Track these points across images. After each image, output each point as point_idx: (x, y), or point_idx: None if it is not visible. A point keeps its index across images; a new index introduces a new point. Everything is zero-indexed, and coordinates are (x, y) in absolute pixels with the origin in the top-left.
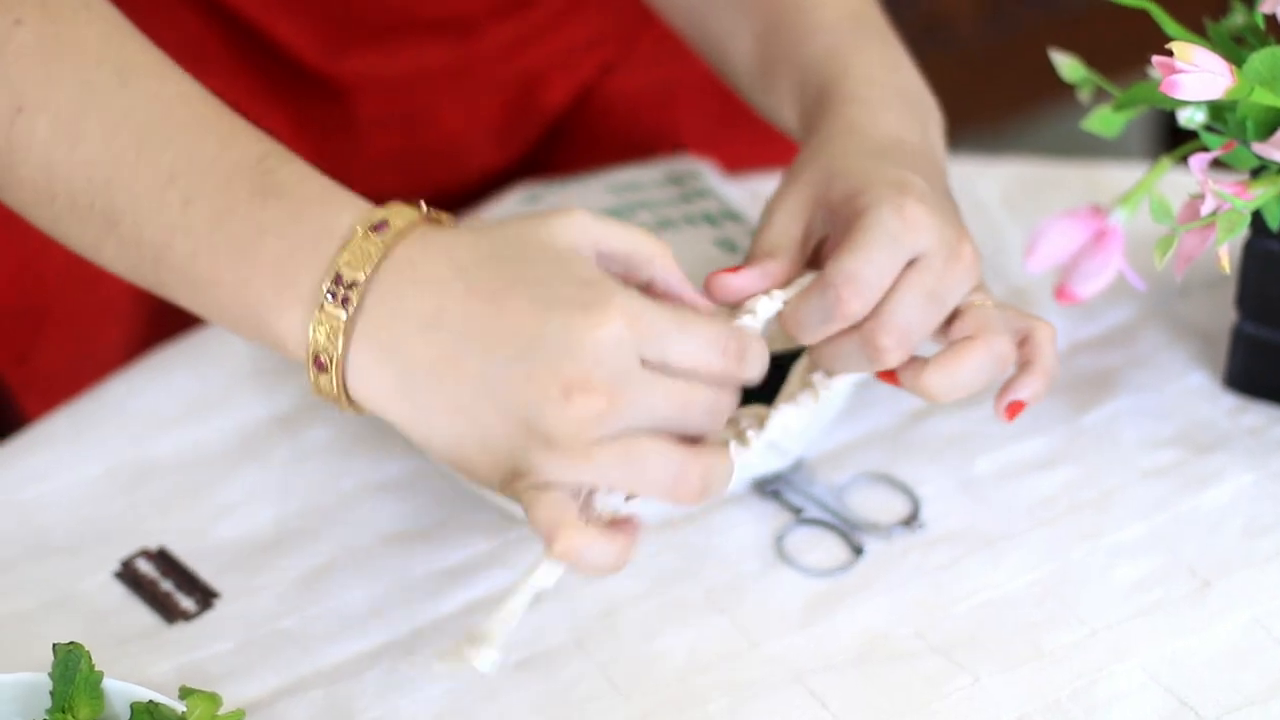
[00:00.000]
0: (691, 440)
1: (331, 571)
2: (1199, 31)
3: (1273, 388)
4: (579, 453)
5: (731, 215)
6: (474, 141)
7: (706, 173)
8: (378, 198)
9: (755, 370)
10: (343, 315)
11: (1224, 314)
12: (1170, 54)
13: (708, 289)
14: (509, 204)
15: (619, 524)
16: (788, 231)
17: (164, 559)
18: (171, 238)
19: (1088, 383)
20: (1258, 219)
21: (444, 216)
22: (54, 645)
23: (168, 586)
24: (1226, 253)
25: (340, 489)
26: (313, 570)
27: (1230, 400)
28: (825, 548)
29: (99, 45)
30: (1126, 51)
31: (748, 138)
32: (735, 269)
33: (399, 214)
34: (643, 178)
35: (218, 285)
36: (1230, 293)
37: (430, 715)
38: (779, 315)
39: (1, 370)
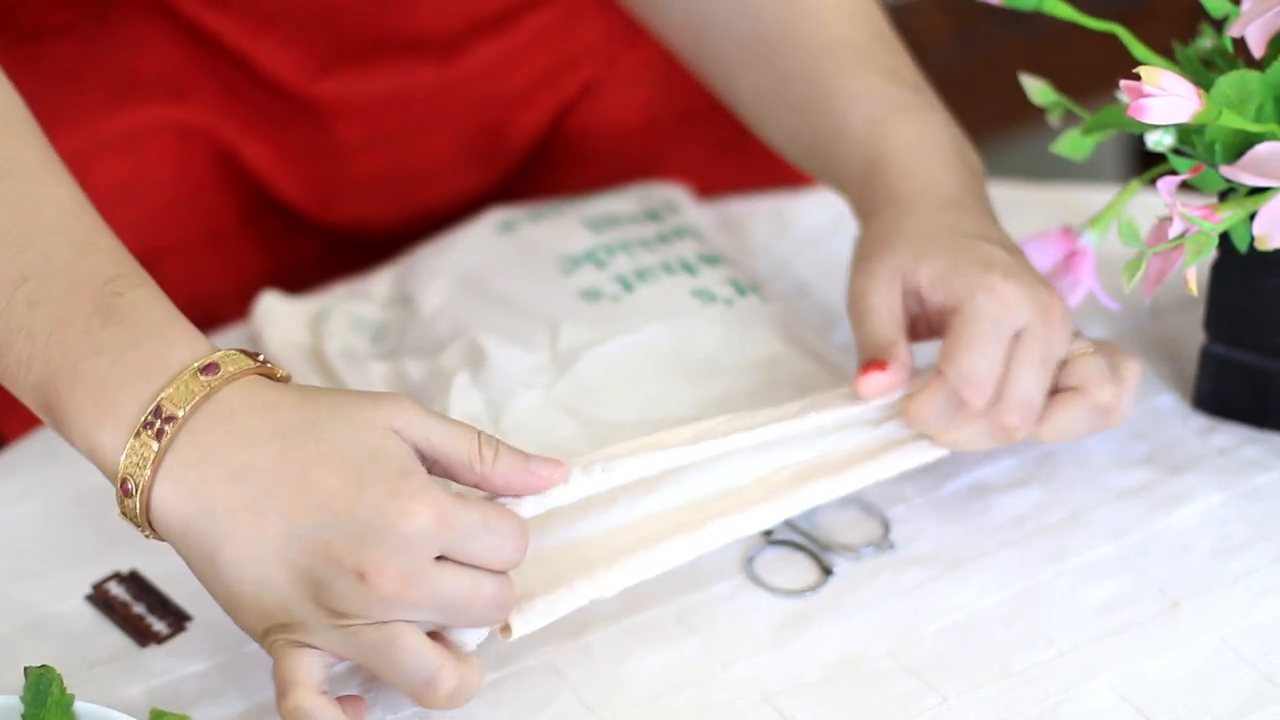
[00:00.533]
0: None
1: None
2: (1168, 55)
3: (1241, 408)
4: (351, 630)
5: (710, 259)
6: (457, 163)
7: (683, 203)
8: (362, 220)
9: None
10: (154, 447)
11: (1193, 335)
12: (1138, 78)
13: (860, 391)
14: (483, 229)
15: (352, 702)
16: (893, 320)
17: (136, 582)
18: (13, 336)
19: None
20: (1226, 241)
21: (278, 371)
22: (25, 668)
23: (140, 609)
24: (1194, 275)
25: None
26: None
27: (1200, 421)
28: (795, 568)
29: None
30: (1101, 75)
31: (735, 160)
32: (879, 365)
33: (232, 360)
34: (620, 210)
35: (46, 392)
36: (1199, 314)
37: None
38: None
39: None
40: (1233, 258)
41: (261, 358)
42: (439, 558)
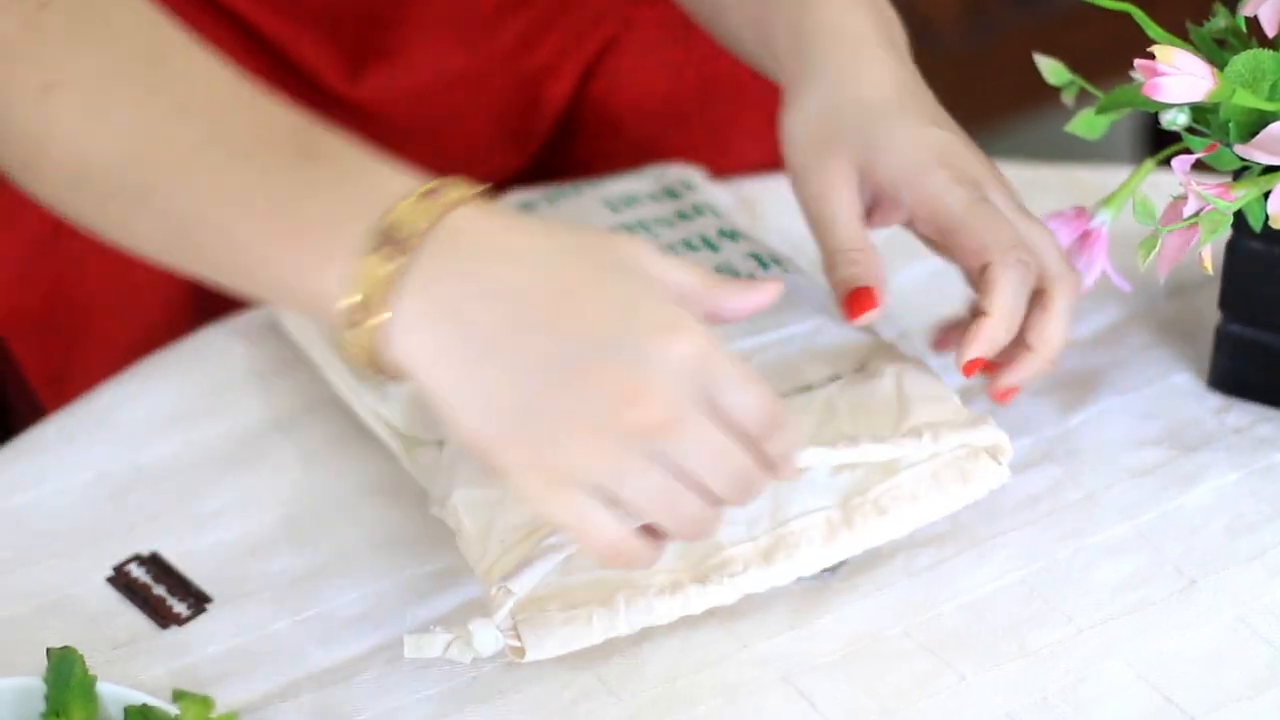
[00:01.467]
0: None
1: (323, 575)
2: (1181, 34)
3: (1256, 387)
4: (627, 457)
5: (730, 234)
6: (495, 143)
7: (699, 181)
8: None
9: (781, 447)
10: (390, 266)
11: (1208, 314)
12: (1152, 57)
13: (853, 322)
14: None
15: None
16: (857, 224)
17: (156, 564)
18: (205, 206)
19: (1073, 383)
20: (1240, 220)
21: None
22: (48, 650)
23: (160, 591)
24: (1209, 253)
25: (331, 494)
26: (304, 574)
27: (1215, 400)
28: None
29: (128, 24)
30: (1112, 55)
31: (756, 119)
32: (870, 301)
33: (454, 186)
34: (638, 189)
35: (253, 249)
36: (1214, 293)
37: (421, 718)
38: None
39: (36, 390)
40: (1247, 236)
41: (480, 189)
42: None
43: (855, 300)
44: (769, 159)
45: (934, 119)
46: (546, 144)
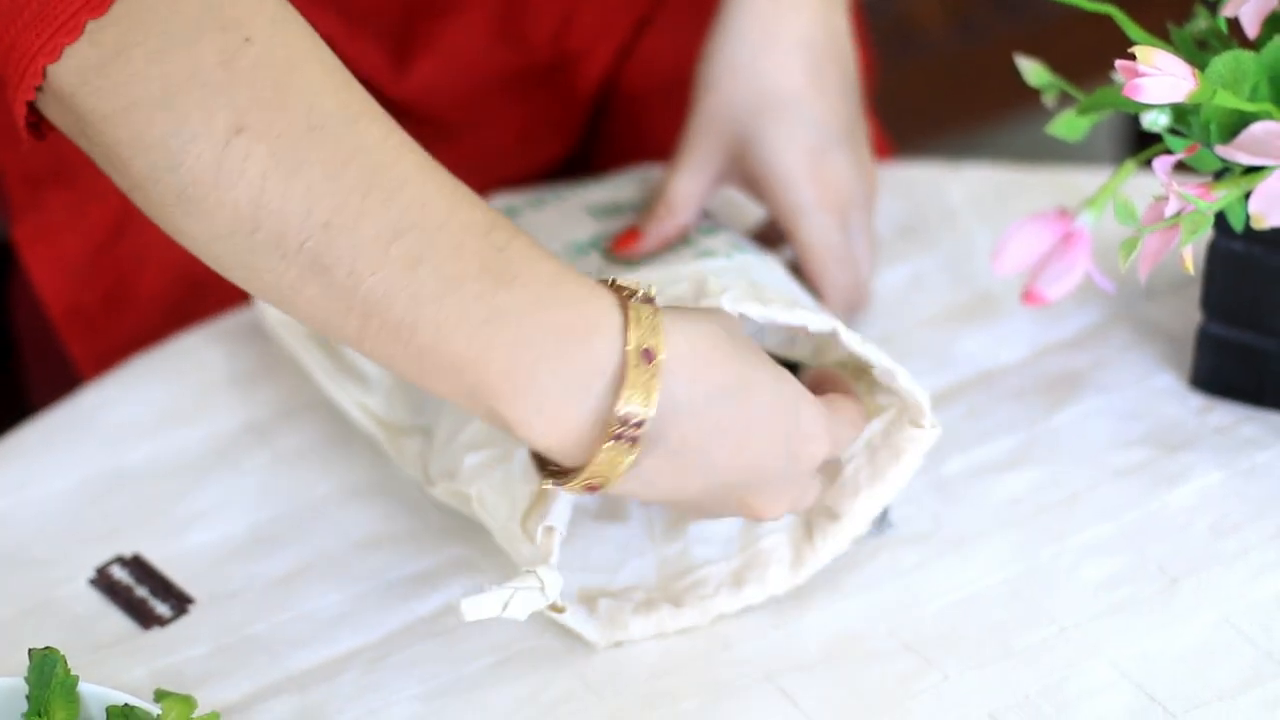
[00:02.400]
0: None
1: (305, 577)
2: (1163, 36)
3: (1238, 387)
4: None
5: (708, 231)
6: (538, 134)
7: None
8: None
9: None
10: (629, 459)
11: (1190, 315)
12: (1133, 58)
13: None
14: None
15: None
16: (693, 193)
17: (138, 565)
18: (392, 298)
19: (1056, 384)
20: (1221, 220)
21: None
22: (30, 650)
23: (142, 593)
24: (1191, 254)
25: (313, 495)
26: (286, 575)
27: (1197, 400)
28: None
29: (325, 82)
30: (1097, 59)
31: None
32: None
33: (650, 329)
34: (622, 197)
35: (437, 355)
36: (1196, 294)
37: (404, 718)
38: None
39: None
40: (1228, 237)
41: (649, 294)
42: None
43: (624, 238)
44: None
45: (830, 104)
46: (586, 127)
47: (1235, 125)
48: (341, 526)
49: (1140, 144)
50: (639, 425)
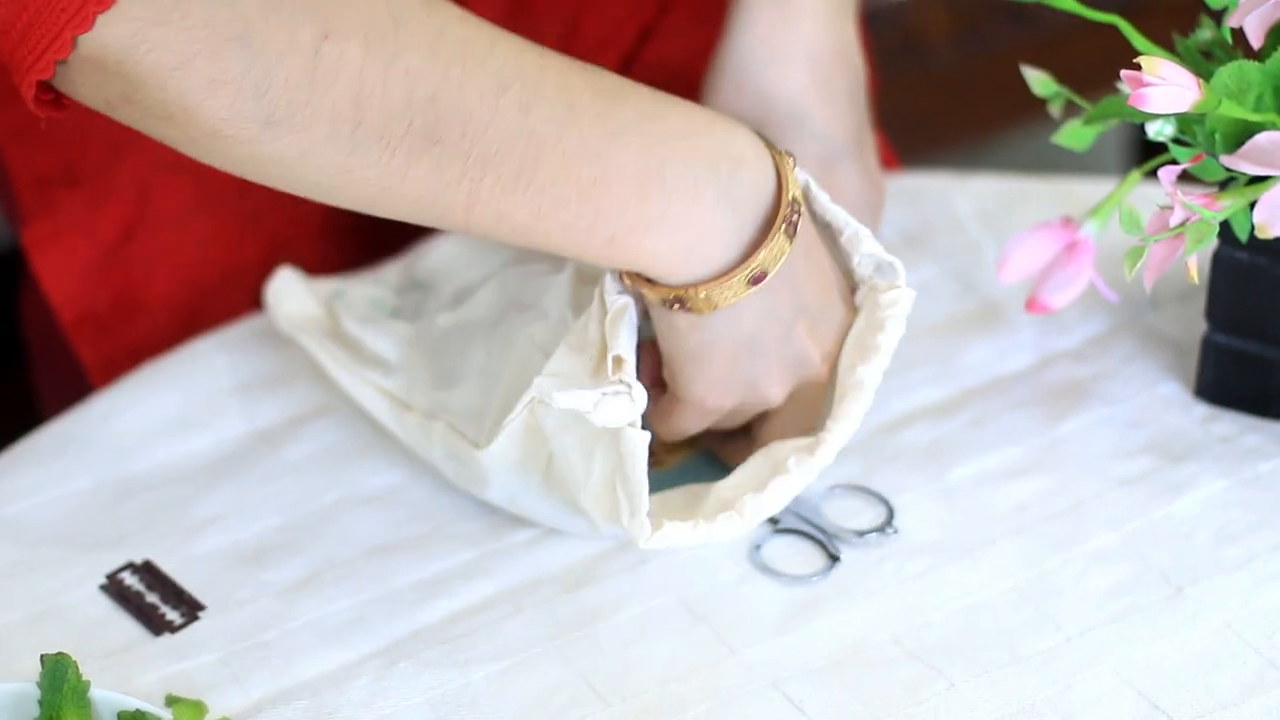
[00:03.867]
0: None
1: (315, 583)
2: (1168, 47)
3: (1243, 397)
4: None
5: None
6: None
7: None
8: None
9: None
10: (788, 245)
11: (1194, 324)
12: (1139, 68)
13: None
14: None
15: None
16: None
17: (149, 572)
18: (509, 146)
19: (1061, 393)
20: (1226, 230)
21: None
22: (41, 656)
23: (153, 599)
24: (1195, 264)
25: (323, 502)
26: (296, 582)
27: (1201, 409)
28: (802, 556)
29: None
30: (1104, 70)
31: None
32: None
33: (786, 162)
34: None
35: (559, 189)
36: (1200, 303)
37: None
38: None
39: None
40: (1233, 246)
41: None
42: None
43: None
44: None
45: (838, 115)
46: None
47: (1240, 135)
48: (351, 533)
49: (1146, 154)
50: (797, 212)
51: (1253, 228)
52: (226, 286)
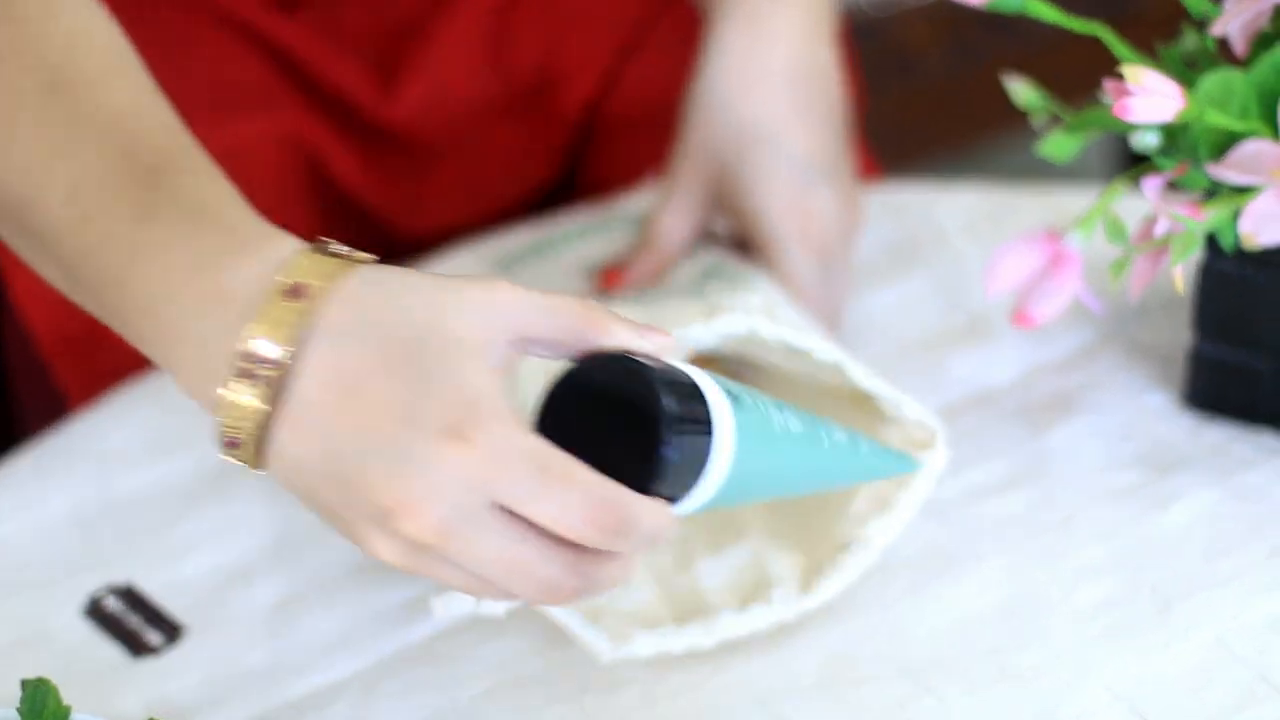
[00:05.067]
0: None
1: (299, 604)
2: (1151, 56)
3: (1231, 406)
4: (417, 559)
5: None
6: (525, 157)
7: None
8: (450, 224)
9: (638, 543)
10: (257, 404)
11: (1181, 334)
12: (1122, 77)
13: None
14: (467, 261)
15: None
16: (678, 228)
17: (130, 595)
18: (79, 259)
19: (1048, 405)
20: (1212, 240)
21: (355, 256)
22: (22, 681)
23: (135, 622)
24: (1181, 274)
25: (306, 521)
26: (280, 603)
27: (1189, 420)
28: None
29: (49, 51)
30: (1091, 81)
31: None
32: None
33: (316, 271)
34: (616, 247)
35: (122, 310)
36: (1187, 313)
37: None
38: None
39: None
40: (1219, 256)
41: (333, 248)
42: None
43: (609, 275)
44: None
45: (814, 138)
46: (571, 152)
47: (1225, 144)
48: (334, 553)
49: (1132, 163)
50: (270, 364)
51: (1238, 237)
52: None
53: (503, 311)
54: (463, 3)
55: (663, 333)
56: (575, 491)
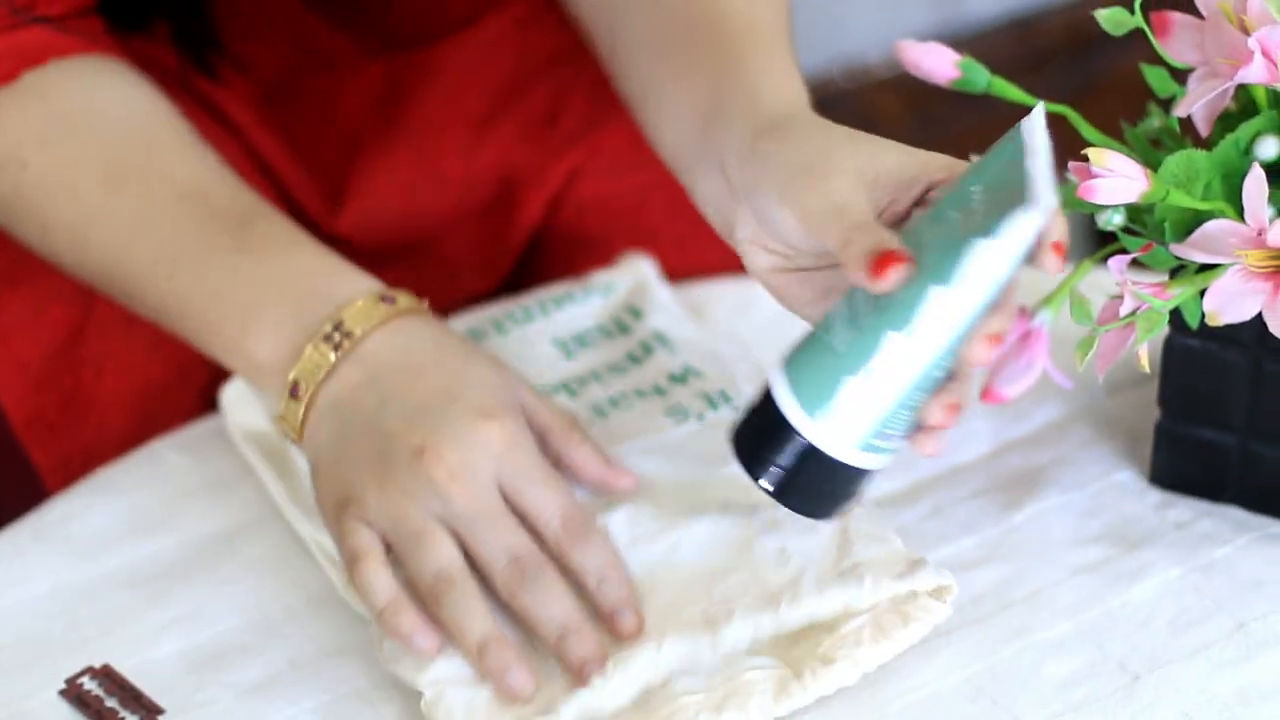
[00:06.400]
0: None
1: (276, 685)
2: (1117, 132)
3: (1197, 483)
4: (407, 504)
5: (679, 378)
6: (466, 267)
7: (648, 299)
8: None
9: (587, 559)
10: (331, 357)
11: (1149, 410)
12: (1086, 159)
13: (883, 286)
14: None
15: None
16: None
17: (108, 676)
18: (164, 302)
19: (1016, 482)
20: (1177, 317)
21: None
22: None
23: (113, 704)
24: (1146, 352)
25: (283, 604)
26: (257, 683)
27: (1156, 496)
28: None
29: (95, 155)
30: (1057, 154)
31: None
32: (897, 257)
33: (406, 296)
34: (586, 323)
35: (201, 330)
36: (1153, 390)
37: None
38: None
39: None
40: (1185, 334)
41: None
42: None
43: (879, 262)
44: (729, 262)
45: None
46: (516, 266)
47: (1189, 224)
48: (312, 634)
49: (1100, 241)
50: (349, 335)
51: (1203, 315)
52: (178, 384)
53: (522, 390)
54: (414, 119)
55: (625, 475)
56: (562, 494)
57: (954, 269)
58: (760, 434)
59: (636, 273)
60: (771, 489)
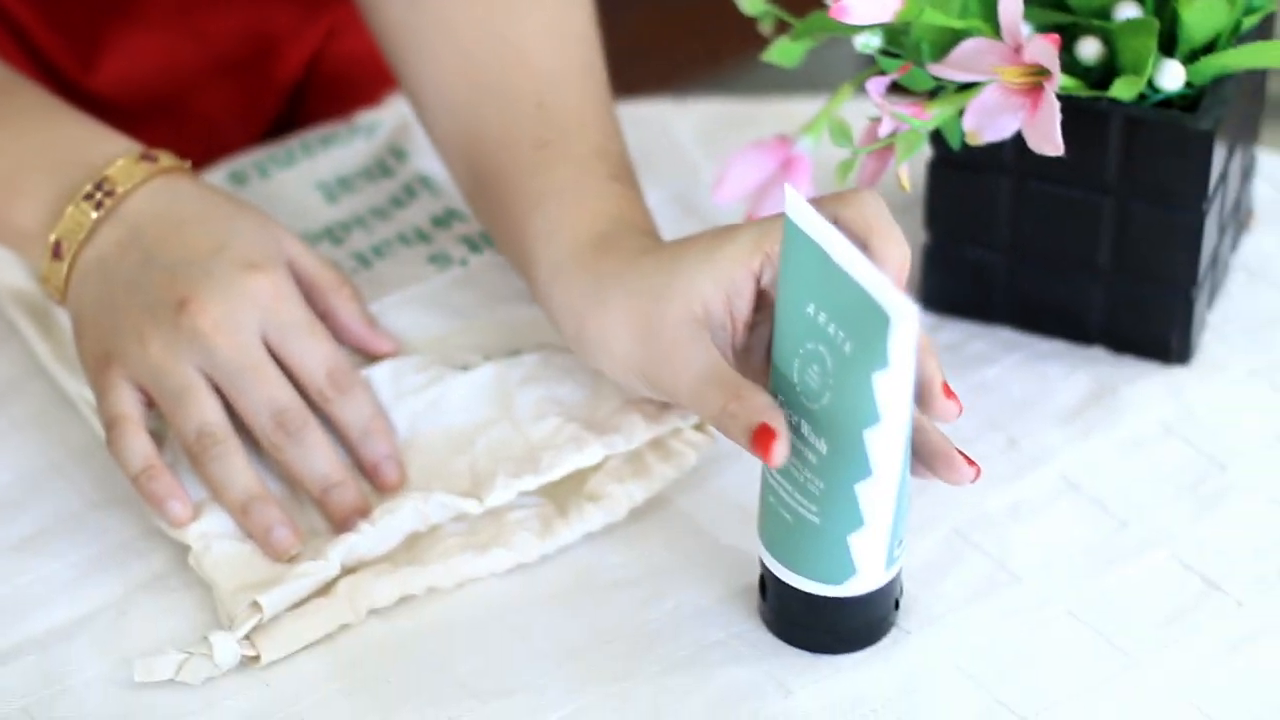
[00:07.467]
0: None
1: (43, 538)
2: None
3: (966, 303)
4: (168, 354)
5: (443, 221)
6: (227, 124)
7: (416, 137)
8: None
9: (350, 413)
10: (93, 216)
11: (914, 235)
12: None
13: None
14: (215, 179)
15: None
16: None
17: None
18: None
19: None
20: (939, 140)
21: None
22: None
23: None
24: (907, 173)
25: (50, 458)
26: (22, 539)
27: (926, 319)
28: None
29: None
30: None
31: None
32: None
33: (168, 156)
34: (350, 166)
35: None
36: (919, 214)
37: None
38: None
39: None
40: (947, 155)
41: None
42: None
43: (759, 439)
44: None
45: None
46: (278, 119)
47: (946, 43)
48: (80, 487)
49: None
50: (110, 194)
51: (964, 135)
52: None
53: (292, 241)
54: None
55: (388, 340)
56: (327, 347)
57: (871, 407)
58: (806, 619)
59: (400, 113)
60: (848, 649)
